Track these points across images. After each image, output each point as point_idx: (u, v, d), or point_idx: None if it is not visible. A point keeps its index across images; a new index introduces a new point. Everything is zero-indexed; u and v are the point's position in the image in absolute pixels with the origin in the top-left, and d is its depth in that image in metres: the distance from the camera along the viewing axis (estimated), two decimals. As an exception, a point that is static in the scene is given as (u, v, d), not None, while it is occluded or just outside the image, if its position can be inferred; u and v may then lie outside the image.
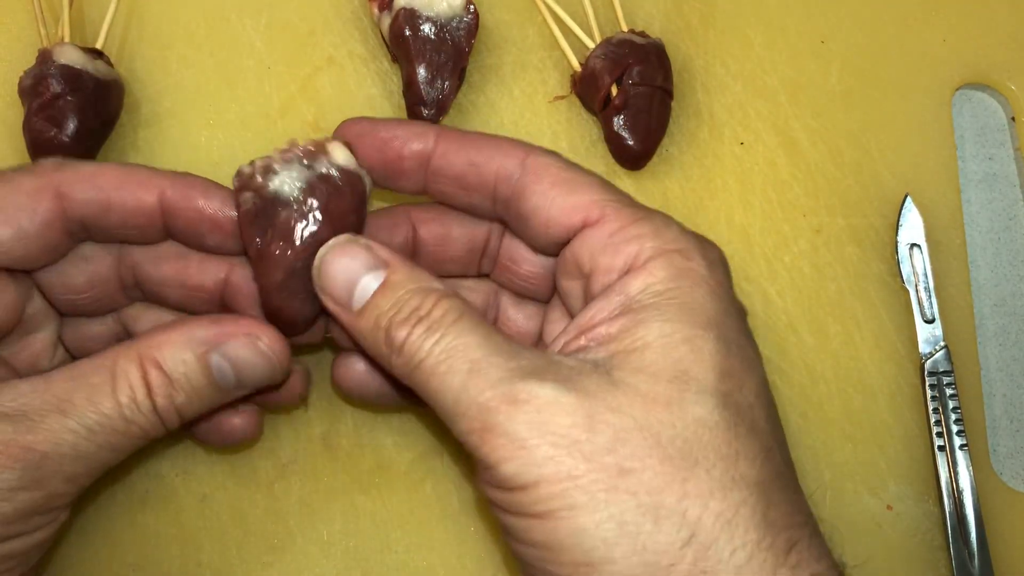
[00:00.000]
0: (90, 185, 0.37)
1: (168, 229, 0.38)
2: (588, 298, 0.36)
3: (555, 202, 0.37)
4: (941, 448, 0.46)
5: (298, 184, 0.36)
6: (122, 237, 0.38)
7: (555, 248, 0.38)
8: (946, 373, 0.47)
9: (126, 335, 0.41)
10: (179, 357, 0.35)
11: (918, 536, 0.45)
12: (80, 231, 0.37)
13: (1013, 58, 0.53)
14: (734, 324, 0.35)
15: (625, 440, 0.31)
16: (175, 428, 0.36)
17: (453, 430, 0.33)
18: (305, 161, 0.37)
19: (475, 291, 0.42)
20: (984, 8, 0.53)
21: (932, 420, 0.46)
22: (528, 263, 0.41)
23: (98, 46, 0.48)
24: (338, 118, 0.49)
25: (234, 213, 0.37)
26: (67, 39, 0.47)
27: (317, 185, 0.36)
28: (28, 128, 0.45)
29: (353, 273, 0.35)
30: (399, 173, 0.39)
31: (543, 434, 0.31)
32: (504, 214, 0.39)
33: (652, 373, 0.33)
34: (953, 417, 0.46)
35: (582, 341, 0.35)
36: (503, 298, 0.43)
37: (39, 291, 0.39)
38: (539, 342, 0.42)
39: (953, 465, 0.45)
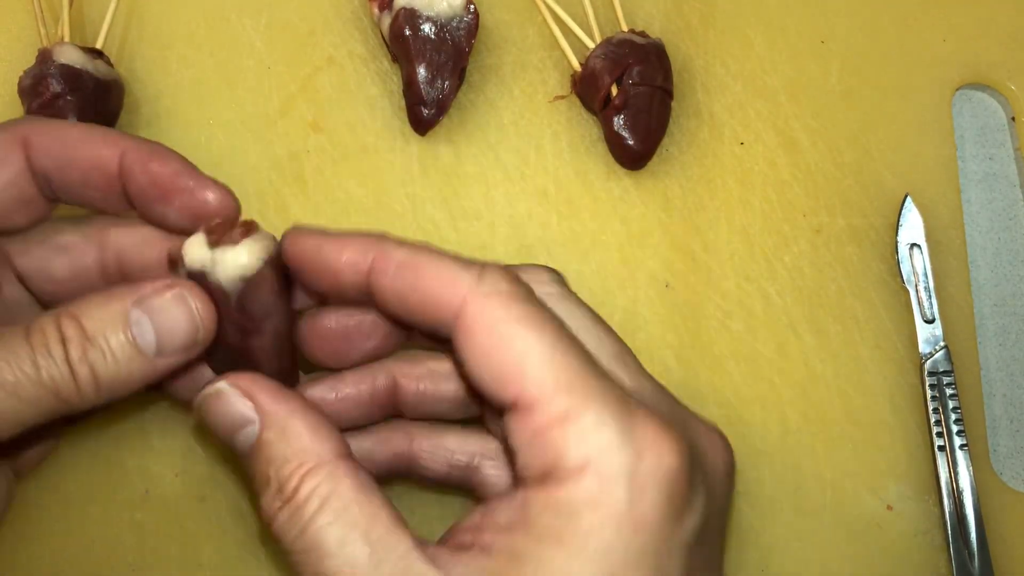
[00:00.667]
0: (54, 138, 0.36)
1: (126, 195, 0.37)
2: (513, 478, 0.33)
3: (485, 369, 0.31)
4: (941, 448, 0.46)
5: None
6: (88, 199, 0.37)
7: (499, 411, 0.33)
8: (946, 373, 0.47)
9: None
10: (98, 313, 0.33)
11: (918, 536, 0.45)
12: (47, 188, 0.37)
13: (1013, 58, 0.53)
14: (648, 569, 0.30)
15: None
16: (91, 401, 0.33)
17: None
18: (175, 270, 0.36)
19: (459, 452, 0.40)
20: (984, 8, 0.53)
21: (932, 420, 0.46)
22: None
23: (98, 46, 0.48)
24: (338, 118, 0.49)
25: (188, 183, 0.36)
26: (67, 39, 0.47)
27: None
28: (28, 128, 0.45)
29: (232, 421, 0.34)
30: (339, 295, 0.36)
31: None
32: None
33: None
34: (953, 417, 0.46)
35: (468, 539, 0.32)
36: (487, 460, 0.40)
37: (20, 282, 0.38)
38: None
39: (953, 465, 0.45)
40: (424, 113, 0.47)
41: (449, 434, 0.40)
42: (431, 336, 0.34)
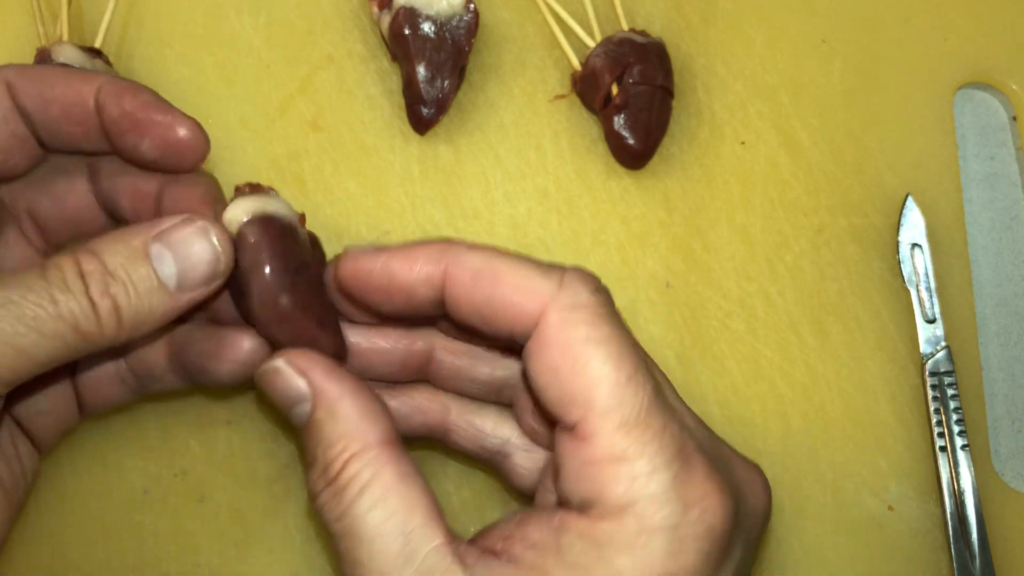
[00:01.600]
0: (35, 79, 0.36)
1: (104, 130, 0.37)
2: (555, 491, 0.33)
3: (553, 387, 0.31)
4: (942, 448, 0.46)
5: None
6: (69, 137, 0.37)
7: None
8: (947, 373, 0.46)
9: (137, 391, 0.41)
10: (118, 247, 0.33)
11: (919, 537, 0.45)
12: (33, 130, 0.37)
13: (1014, 57, 0.53)
14: None
15: None
16: (113, 336, 0.33)
17: None
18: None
19: (490, 435, 0.40)
20: (986, 8, 0.53)
21: (933, 420, 0.46)
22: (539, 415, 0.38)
23: (96, 45, 0.48)
24: (337, 117, 0.49)
25: (158, 116, 0.36)
26: (65, 38, 0.47)
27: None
28: (26, 127, 0.45)
29: (289, 396, 0.34)
30: (415, 310, 0.35)
31: None
32: None
33: None
34: (954, 417, 0.46)
35: (498, 545, 0.32)
36: (512, 443, 0.40)
37: (35, 234, 0.39)
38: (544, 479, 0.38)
39: (954, 465, 0.45)
40: (424, 112, 0.47)
41: (485, 415, 0.40)
42: (502, 342, 0.34)
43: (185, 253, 0.34)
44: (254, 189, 0.37)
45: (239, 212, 0.36)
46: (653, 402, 0.31)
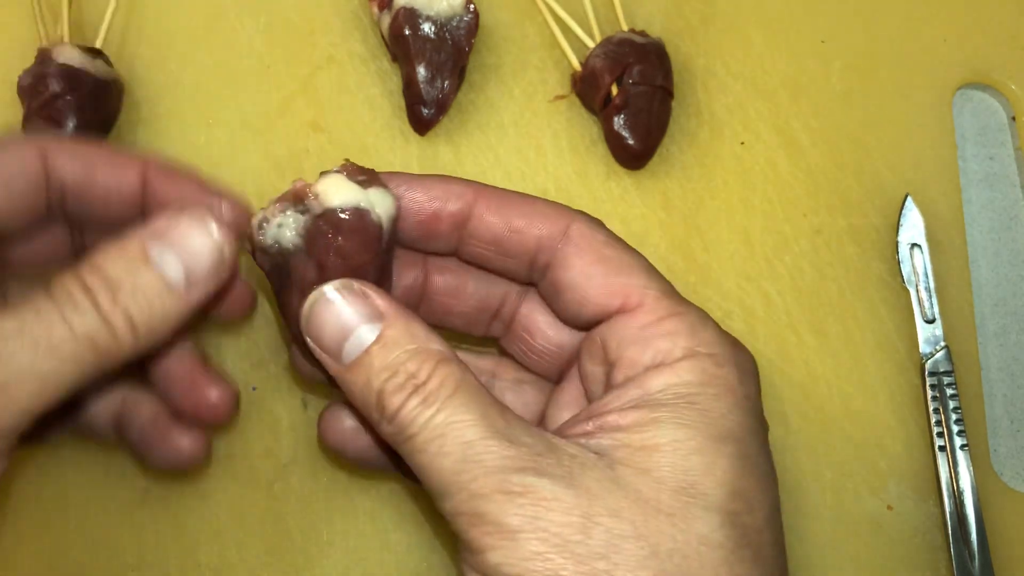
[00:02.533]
0: (76, 156, 0.36)
1: (144, 211, 0.37)
2: (608, 387, 0.35)
3: (594, 280, 0.36)
4: (942, 448, 0.46)
5: (291, 233, 0.35)
6: (103, 216, 0.37)
7: (585, 325, 0.37)
8: (947, 373, 0.47)
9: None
10: (117, 257, 0.33)
11: (918, 536, 0.45)
12: (58, 200, 0.36)
13: (1014, 58, 0.53)
14: (755, 442, 0.33)
15: (620, 547, 0.30)
16: (131, 347, 0.33)
17: (439, 507, 0.32)
18: (296, 207, 0.35)
19: (471, 367, 0.41)
20: (985, 8, 0.53)
21: (932, 420, 0.46)
22: (544, 337, 0.39)
23: (97, 45, 0.48)
24: (338, 117, 0.49)
25: (210, 198, 0.37)
26: (66, 38, 0.47)
27: (313, 231, 0.34)
28: (27, 127, 0.45)
29: (345, 322, 0.33)
30: (434, 235, 0.37)
31: (535, 529, 0.30)
32: (538, 281, 0.38)
33: (658, 478, 0.31)
34: (954, 417, 0.46)
35: (589, 426, 0.33)
36: (502, 381, 0.41)
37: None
38: (540, 425, 0.39)
39: (954, 465, 0.45)
40: (424, 113, 0.47)
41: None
42: (512, 267, 0.38)
43: (186, 248, 0.33)
44: (365, 174, 0.36)
45: (393, 201, 0.36)
46: (672, 286, 0.36)
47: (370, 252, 0.35)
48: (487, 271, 0.39)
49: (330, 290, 0.33)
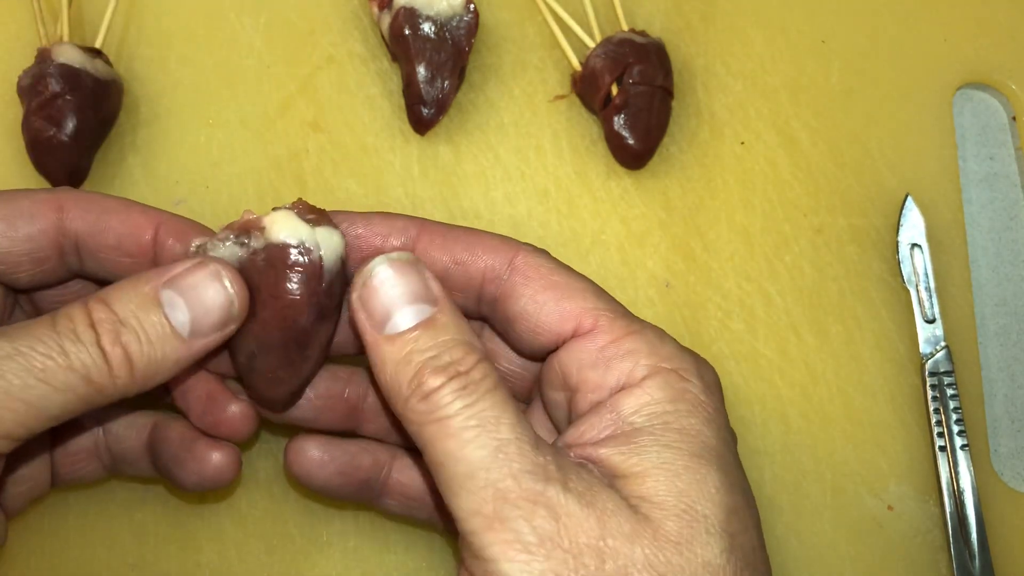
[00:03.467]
0: (91, 205, 0.36)
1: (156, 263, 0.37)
2: (574, 413, 0.35)
3: (545, 307, 0.35)
4: (942, 448, 0.46)
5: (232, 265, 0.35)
6: (115, 265, 0.37)
7: (541, 354, 0.37)
8: (947, 373, 0.46)
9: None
10: (128, 296, 0.33)
11: (919, 536, 0.45)
12: (72, 251, 0.37)
13: (1014, 58, 0.53)
14: (730, 453, 0.33)
15: (631, 574, 0.30)
16: (125, 386, 0.33)
17: (449, 501, 0.31)
18: (237, 238, 0.35)
19: None
20: (985, 8, 0.53)
21: (933, 420, 0.46)
22: (507, 361, 0.39)
23: (97, 45, 0.48)
24: (338, 117, 0.49)
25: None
26: (66, 38, 0.47)
27: (249, 265, 0.34)
28: (27, 127, 0.45)
29: (400, 295, 0.33)
30: None
31: (554, 547, 0.29)
32: (489, 315, 0.37)
33: (658, 503, 0.31)
34: (954, 417, 0.46)
35: (571, 457, 0.33)
36: None
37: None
38: None
39: (954, 465, 0.45)
40: (424, 112, 0.47)
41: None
42: (471, 307, 0.37)
43: (198, 299, 0.33)
44: (315, 212, 0.36)
45: (342, 241, 0.35)
46: (627, 311, 0.36)
47: (307, 289, 0.34)
48: None
49: (394, 261, 0.34)
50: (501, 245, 0.36)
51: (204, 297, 0.33)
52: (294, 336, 0.35)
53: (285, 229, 0.34)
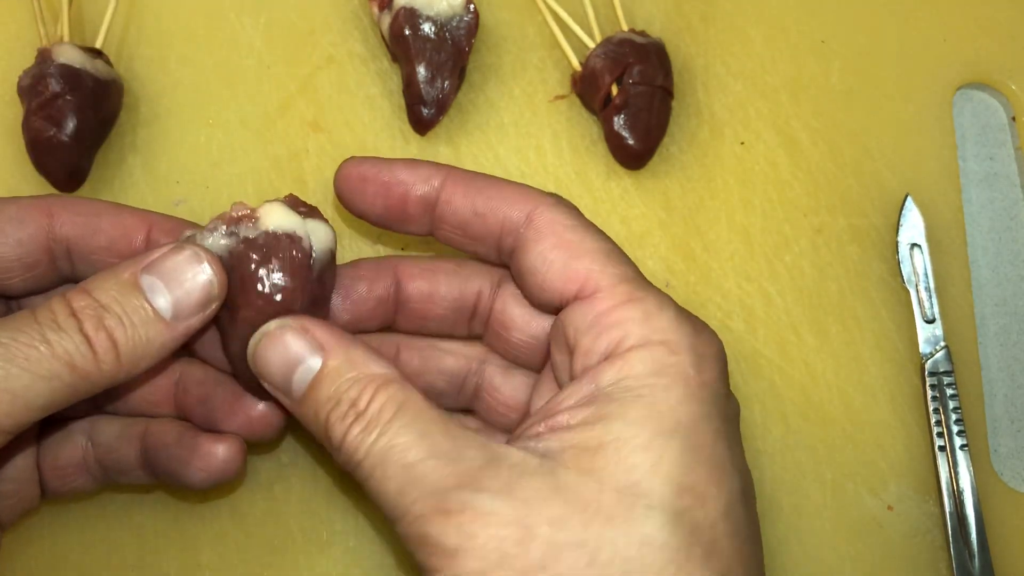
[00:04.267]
0: (81, 209, 0.36)
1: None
2: (572, 375, 0.35)
3: (554, 266, 0.35)
4: (942, 448, 0.46)
5: (222, 254, 0.35)
6: (103, 267, 0.36)
7: (551, 310, 0.37)
8: (947, 373, 0.47)
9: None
10: (108, 283, 0.33)
11: (919, 536, 0.45)
12: (63, 256, 0.37)
13: (1014, 58, 0.53)
14: (710, 430, 0.32)
15: (560, 556, 0.30)
16: (112, 373, 0.33)
17: (393, 529, 0.32)
18: (228, 229, 0.35)
19: (457, 354, 0.41)
20: (985, 8, 0.53)
21: (933, 420, 0.46)
22: (519, 331, 0.39)
23: (97, 45, 0.48)
24: (338, 117, 0.49)
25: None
26: (66, 38, 0.47)
27: (241, 253, 0.35)
28: (27, 127, 0.45)
29: (290, 358, 0.34)
30: (405, 218, 0.38)
31: (473, 547, 0.30)
32: (509, 264, 0.38)
33: (600, 479, 0.31)
34: (954, 417, 0.46)
35: (540, 428, 0.33)
36: (491, 366, 0.41)
37: None
38: (526, 413, 0.40)
39: (954, 465, 0.45)
40: (424, 113, 0.47)
41: (442, 342, 0.41)
42: (484, 250, 0.38)
43: (178, 281, 0.34)
44: (306, 207, 0.37)
45: (333, 235, 0.36)
46: (637, 271, 0.35)
47: (299, 277, 0.35)
48: (458, 269, 0.40)
49: (271, 328, 0.34)
50: (522, 197, 0.36)
51: (183, 279, 0.34)
52: None
53: (277, 219, 0.35)
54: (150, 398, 0.39)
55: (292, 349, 0.34)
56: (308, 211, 0.37)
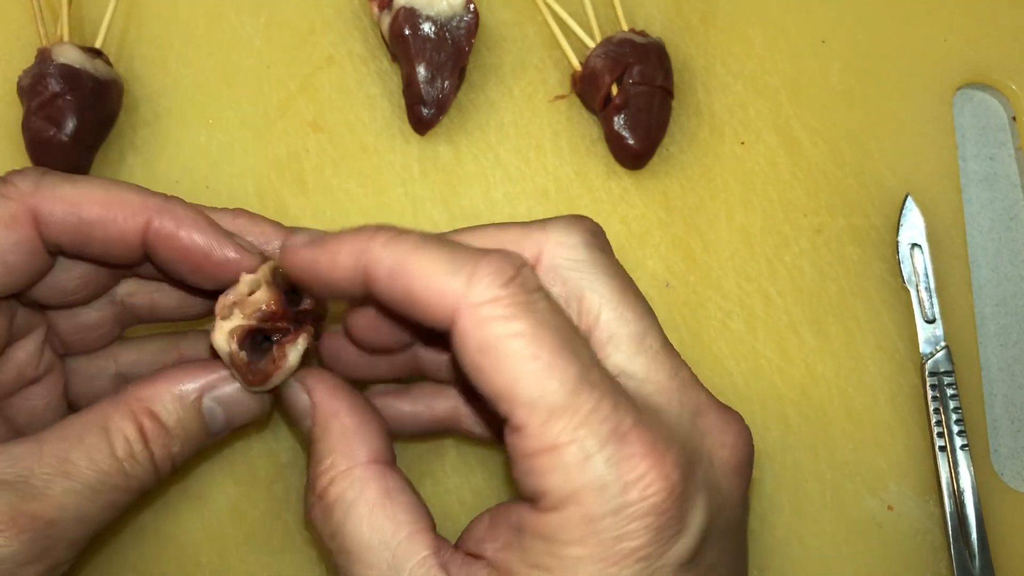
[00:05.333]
0: (71, 214, 0.34)
1: (149, 259, 0.36)
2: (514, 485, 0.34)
3: (481, 376, 0.30)
4: (942, 448, 0.46)
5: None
6: (101, 262, 0.37)
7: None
8: (947, 373, 0.46)
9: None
10: (173, 406, 0.35)
11: (919, 536, 0.45)
12: (59, 252, 0.36)
13: (1014, 57, 0.53)
14: None
15: None
16: (167, 477, 0.36)
17: None
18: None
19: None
20: (985, 8, 0.53)
21: (933, 420, 0.46)
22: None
23: (97, 45, 0.48)
24: (338, 117, 0.49)
25: (217, 254, 0.36)
26: (66, 38, 0.47)
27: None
28: (27, 127, 0.45)
29: (295, 412, 0.36)
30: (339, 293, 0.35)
31: None
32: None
33: None
34: (954, 417, 0.46)
35: (477, 548, 0.33)
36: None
37: (22, 300, 0.38)
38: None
39: (954, 465, 0.45)
40: (424, 113, 0.47)
41: None
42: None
43: (235, 411, 0.36)
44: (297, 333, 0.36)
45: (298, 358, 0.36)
46: (580, 384, 0.29)
47: None
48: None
49: (291, 383, 0.36)
50: (442, 292, 0.30)
51: (238, 405, 0.36)
52: None
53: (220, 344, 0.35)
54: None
55: (295, 403, 0.36)
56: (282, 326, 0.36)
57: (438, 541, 0.32)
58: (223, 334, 0.35)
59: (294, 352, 0.35)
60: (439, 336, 0.31)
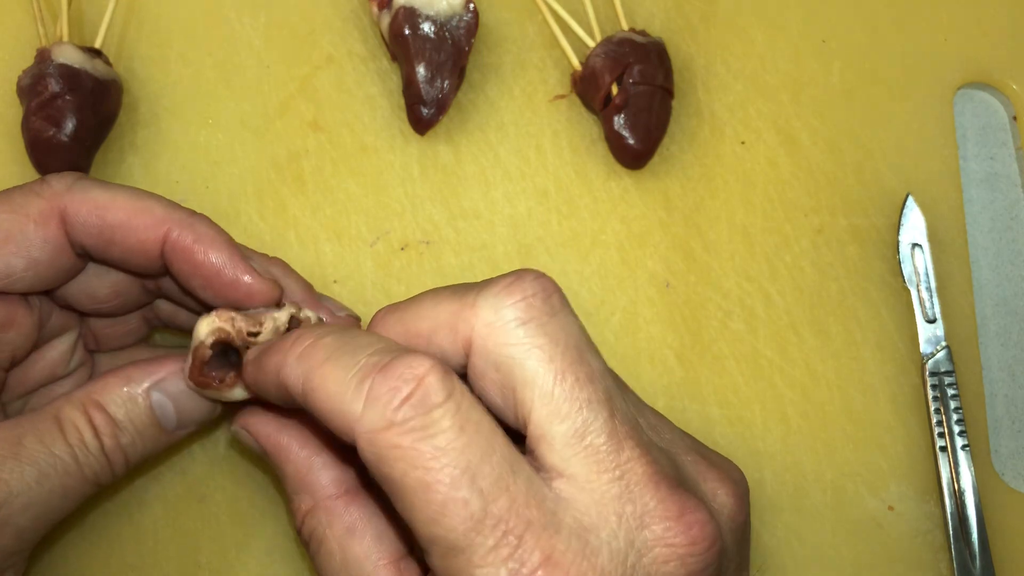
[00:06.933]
0: (96, 216, 0.36)
1: (167, 271, 0.37)
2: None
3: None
4: (943, 448, 0.45)
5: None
6: (123, 268, 0.38)
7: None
8: (948, 373, 0.46)
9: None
10: (121, 399, 0.36)
11: (919, 537, 0.45)
12: (85, 254, 0.37)
13: (1014, 57, 0.52)
14: None
15: None
16: (122, 473, 0.36)
17: None
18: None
19: None
20: (985, 7, 0.53)
21: (933, 420, 0.46)
22: None
23: (96, 45, 0.48)
24: (337, 117, 0.49)
25: (229, 274, 0.36)
26: (65, 38, 0.47)
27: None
28: (27, 127, 0.45)
29: (257, 453, 0.38)
30: None
31: None
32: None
33: None
34: (955, 417, 0.46)
35: None
36: None
37: (58, 302, 0.39)
38: None
39: (955, 465, 0.45)
40: (424, 112, 0.47)
41: None
42: None
43: (185, 407, 0.37)
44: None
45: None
46: (477, 523, 0.27)
47: None
48: None
49: (234, 428, 0.38)
50: (344, 416, 0.29)
51: (189, 404, 0.37)
52: None
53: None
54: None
55: (252, 448, 0.37)
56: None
57: (409, 566, 0.33)
58: (210, 325, 0.35)
59: (239, 390, 0.36)
60: None
